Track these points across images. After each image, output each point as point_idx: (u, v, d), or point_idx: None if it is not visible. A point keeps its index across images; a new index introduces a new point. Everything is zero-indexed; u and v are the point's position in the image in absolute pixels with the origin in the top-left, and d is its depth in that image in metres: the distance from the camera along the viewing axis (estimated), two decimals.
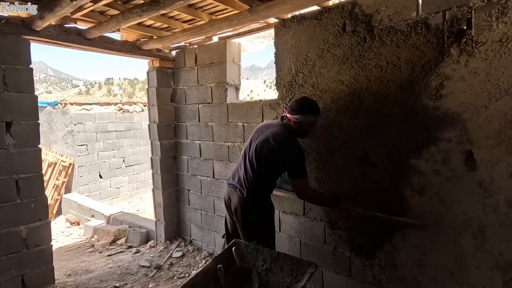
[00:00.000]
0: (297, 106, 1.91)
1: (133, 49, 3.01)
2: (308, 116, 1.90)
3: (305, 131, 1.99)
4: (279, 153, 1.88)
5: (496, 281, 1.58)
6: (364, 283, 2.05)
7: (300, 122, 1.91)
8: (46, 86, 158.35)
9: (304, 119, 1.90)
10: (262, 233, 1.94)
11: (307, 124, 1.93)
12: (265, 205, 2.01)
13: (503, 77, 1.49)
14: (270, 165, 1.93)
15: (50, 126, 6.99)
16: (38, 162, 2.47)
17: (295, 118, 1.90)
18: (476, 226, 1.61)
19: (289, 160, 1.87)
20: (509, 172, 1.50)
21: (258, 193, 1.96)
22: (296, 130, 1.95)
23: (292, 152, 1.86)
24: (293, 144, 1.89)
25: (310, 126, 1.97)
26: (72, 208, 5.86)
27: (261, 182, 1.96)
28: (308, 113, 1.90)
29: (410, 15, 1.75)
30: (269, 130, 1.97)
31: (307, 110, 1.90)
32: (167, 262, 3.05)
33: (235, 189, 2.01)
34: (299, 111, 1.89)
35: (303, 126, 1.94)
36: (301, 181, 1.89)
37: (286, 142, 1.88)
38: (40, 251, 2.46)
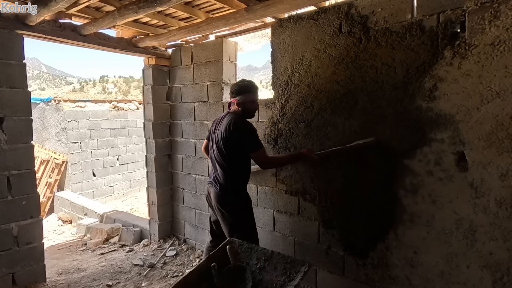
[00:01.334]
0: (237, 87, 2.03)
1: (129, 46, 2.99)
2: (247, 95, 2.00)
3: (250, 110, 2.06)
4: (233, 139, 1.95)
5: (486, 280, 1.61)
6: (357, 282, 2.07)
7: (242, 102, 2.01)
8: (40, 83, 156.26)
9: (245, 99, 2.00)
10: (240, 226, 2.00)
11: (249, 102, 2.02)
12: (240, 198, 2.05)
13: (495, 79, 1.52)
14: (231, 154, 1.99)
15: (43, 123, 6.90)
16: (31, 159, 2.44)
17: (237, 100, 2.01)
18: (467, 226, 1.64)
19: (243, 139, 1.95)
20: (500, 173, 1.53)
21: (231, 186, 2.02)
22: (242, 112, 2.04)
23: (243, 131, 1.95)
24: (242, 125, 1.97)
25: (252, 104, 2.05)
26: (64, 206, 5.80)
27: (230, 174, 2.01)
28: (246, 92, 2.00)
29: (405, 17, 1.77)
30: (220, 123, 2.08)
31: (244, 90, 2.01)
32: (160, 261, 3.03)
33: (212, 185, 2.10)
34: (239, 92, 2.00)
35: (246, 106, 2.02)
36: (259, 153, 1.96)
37: (235, 125, 1.95)
38: (31, 249, 2.43)
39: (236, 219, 2.01)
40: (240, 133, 1.94)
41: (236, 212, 2.02)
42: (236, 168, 2.03)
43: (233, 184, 2.03)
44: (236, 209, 2.03)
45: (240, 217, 2.03)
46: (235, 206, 2.03)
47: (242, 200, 2.07)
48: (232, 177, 2.02)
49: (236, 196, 2.04)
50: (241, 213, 2.04)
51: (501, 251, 1.56)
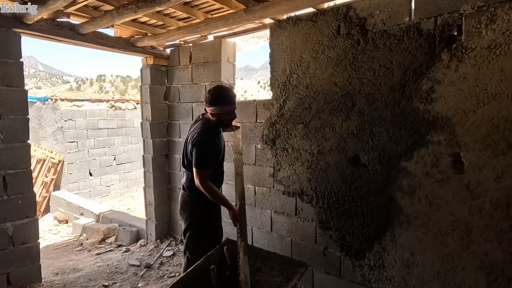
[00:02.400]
0: (211, 97, 1.85)
1: (127, 45, 2.98)
2: (223, 106, 1.85)
3: (225, 121, 1.93)
4: (191, 149, 1.88)
5: (481, 281, 1.62)
6: (353, 283, 2.08)
7: (218, 113, 1.86)
8: (36, 82, 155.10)
9: (219, 110, 1.85)
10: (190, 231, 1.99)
11: (225, 113, 1.88)
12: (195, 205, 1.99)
13: (491, 82, 1.53)
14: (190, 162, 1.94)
15: (40, 122, 6.85)
16: (27, 158, 2.42)
17: (211, 110, 1.86)
18: (463, 227, 1.65)
19: (194, 150, 1.84)
20: (495, 175, 1.55)
21: (189, 191, 1.99)
22: (216, 122, 1.91)
23: (199, 143, 1.82)
24: (201, 138, 1.84)
25: (229, 115, 1.91)
26: (60, 205, 5.76)
27: (189, 179, 1.97)
28: (222, 103, 1.84)
29: (403, 19, 1.78)
30: (190, 130, 2.01)
31: (221, 100, 1.84)
32: (157, 261, 3.02)
33: (182, 187, 2.09)
34: (213, 102, 1.84)
35: (221, 117, 1.89)
36: (199, 171, 1.82)
37: (197, 137, 1.85)
38: (27, 249, 2.41)
39: (189, 224, 2.00)
40: (195, 144, 1.83)
41: (190, 217, 2.00)
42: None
43: (191, 190, 1.98)
44: (191, 214, 2.00)
45: (192, 223, 2.00)
46: (190, 211, 2.00)
47: (197, 207, 1.99)
48: (191, 183, 1.96)
49: (191, 202, 2.00)
50: (194, 219, 1.99)
51: (496, 253, 1.57)
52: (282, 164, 2.40)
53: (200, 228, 1.99)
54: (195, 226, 2.00)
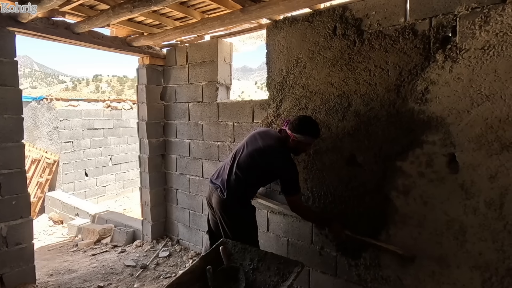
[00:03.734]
0: (299, 125, 1.87)
1: (123, 45, 2.96)
2: (308, 138, 1.88)
3: (300, 151, 1.99)
4: (271, 168, 1.88)
5: (475, 280, 1.64)
6: (349, 282, 2.08)
7: (299, 141, 1.89)
8: (31, 81, 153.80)
9: (303, 139, 1.88)
10: (242, 237, 1.93)
11: (305, 144, 1.93)
12: (245, 209, 2.00)
13: (485, 83, 1.55)
14: (259, 176, 1.94)
15: (35, 121, 6.79)
16: (21, 158, 2.40)
17: (294, 137, 1.88)
18: (457, 227, 1.67)
19: (284, 177, 1.88)
20: (489, 175, 1.56)
21: (239, 198, 1.96)
22: (293, 148, 1.95)
23: (287, 169, 1.86)
24: (288, 161, 1.89)
25: (307, 147, 1.97)
26: (55, 206, 5.71)
27: (244, 188, 1.96)
28: (308, 135, 1.88)
29: (398, 20, 1.80)
30: (265, 141, 1.96)
31: (308, 131, 1.87)
32: (153, 262, 3.01)
33: (217, 188, 2.01)
34: (300, 131, 1.86)
35: (300, 146, 1.93)
36: (295, 198, 1.91)
37: (281, 158, 1.88)
38: (21, 250, 2.39)
39: (239, 228, 1.95)
40: (284, 170, 1.86)
41: (239, 221, 1.97)
42: (254, 186, 2.00)
43: (242, 196, 1.97)
44: (240, 219, 1.97)
45: (242, 227, 1.97)
46: (239, 216, 1.97)
47: (248, 211, 2.01)
48: (245, 190, 1.96)
49: (242, 207, 1.98)
50: (244, 223, 1.99)
51: (490, 252, 1.59)
52: None
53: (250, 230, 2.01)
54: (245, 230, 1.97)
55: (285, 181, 1.89)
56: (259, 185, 2.05)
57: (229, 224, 1.96)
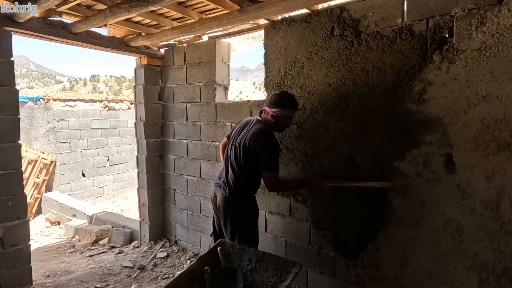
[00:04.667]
0: (276, 99, 1.91)
1: (121, 45, 2.95)
2: (286, 110, 1.90)
3: (282, 125, 1.99)
4: (254, 150, 1.89)
5: (472, 280, 1.64)
6: (347, 283, 2.09)
7: (278, 116, 1.91)
8: (28, 81, 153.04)
9: (281, 113, 1.90)
10: (243, 233, 1.95)
11: (285, 118, 1.94)
12: (248, 205, 2.01)
13: (481, 84, 1.56)
14: (248, 163, 1.94)
15: (31, 122, 6.75)
16: (18, 159, 2.39)
17: (273, 112, 1.90)
18: (454, 227, 1.68)
19: (261, 153, 1.87)
20: (485, 175, 1.57)
21: (241, 193, 1.97)
22: (274, 124, 1.96)
23: (265, 145, 1.87)
24: (267, 138, 1.90)
25: (287, 120, 1.97)
26: (52, 207, 5.67)
27: (243, 181, 1.96)
28: (286, 107, 1.90)
29: (395, 21, 1.80)
30: (247, 128, 2.00)
31: (285, 103, 1.90)
32: (151, 263, 3.00)
33: (220, 187, 2.04)
34: (277, 105, 1.89)
35: (280, 120, 1.94)
36: (272, 174, 1.88)
37: (261, 138, 1.88)
38: (17, 251, 2.37)
39: (239, 226, 1.96)
40: (261, 147, 1.86)
41: (241, 219, 1.97)
42: (250, 178, 1.98)
43: (243, 192, 1.98)
44: (242, 216, 1.97)
45: (243, 224, 1.97)
46: (241, 213, 1.97)
47: (249, 208, 2.01)
48: (244, 185, 1.97)
49: (244, 203, 1.99)
50: (246, 220, 1.99)
51: (487, 252, 1.59)
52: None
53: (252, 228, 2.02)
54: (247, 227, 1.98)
55: (265, 158, 1.87)
56: (256, 176, 2.01)
57: (231, 220, 1.97)
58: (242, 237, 1.92)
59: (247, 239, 1.92)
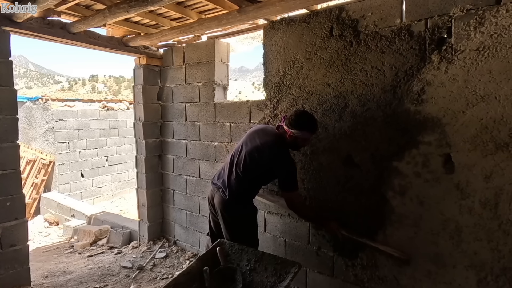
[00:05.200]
0: (296, 120, 1.85)
1: (119, 45, 2.95)
2: (305, 133, 1.87)
3: (298, 146, 1.97)
4: (270, 165, 1.88)
5: (471, 279, 1.65)
6: (346, 282, 2.09)
7: (296, 137, 1.87)
8: (27, 81, 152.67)
9: (300, 135, 1.86)
10: (242, 236, 1.93)
11: (302, 139, 1.91)
12: (246, 209, 2.00)
13: (479, 84, 1.56)
14: (258, 174, 1.93)
15: (30, 122, 6.73)
16: (16, 159, 2.38)
17: (292, 132, 1.86)
18: (453, 226, 1.68)
19: (281, 173, 1.87)
20: (484, 175, 1.58)
21: (240, 198, 1.96)
22: (290, 143, 1.94)
23: (285, 165, 1.85)
24: (285, 157, 1.88)
25: (304, 142, 1.95)
26: (51, 207, 5.66)
27: (245, 188, 1.96)
28: (306, 130, 1.86)
29: (394, 21, 1.81)
30: (262, 139, 1.95)
31: (305, 126, 1.86)
32: (150, 263, 2.99)
33: (218, 189, 2.01)
34: (297, 126, 1.84)
35: (298, 141, 1.92)
36: (293, 194, 1.91)
37: (278, 155, 1.87)
38: (16, 252, 2.37)
39: (239, 229, 1.95)
40: (282, 167, 1.84)
41: (241, 223, 1.97)
42: (254, 185, 1.98)
43: (244, 196, 1.97)
44: (241, 218, 1.97)
45: (243, 227, 1.97)
46: (241, 216, 1.97)
47: (249, 211, 2.01)
48: (246, 190, 1.96)
49: (243, 207, 1.98)
50: (246, 224, 1.99)
51: (485, 251, 1.60)
52: None
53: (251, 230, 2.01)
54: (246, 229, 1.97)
55: (282, 177, 1.89)
56: (259, 184, 2.04)
57: (230, 223, 1.96)
58: (242, 240, 1.90)
59: (247, 242, 1.91)
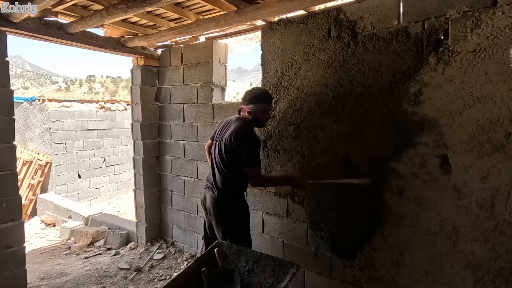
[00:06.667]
0: (249, 96, 1.96)
1: (117, 45, 2.94)
2: (260, 105, 1.95)
3: (260, 120, 2.02)
4: (236, 147, 1.90)
5: (468, 280, 1.66)
6: (344, 283, 2.09)
7: (254, 111, 1.95)
8: (23, 82, 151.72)
9: (257, 108, 1.94)
10: (234, 233, 1.95)
11: (261, 112, 1.97)
12: (237, 205, 2.02)
13: (476, 85, 1.57)
14: (232, 161, 1.95)
15: (26, 123, 6.69)
16: (12, 160, 2.36)
17: (249, 108, 1.95)
18: (450, 227, 1.69)
19: (242, 149, 1.89)
20: (480, 175, 1.59)
21: (229, 192, 1.98)
22: (252, 120, 1.99)
23: (244, 141, 1.89)
24: (246, 135, 1.92)
25: (264, 114, 2.00)
26: (48, 208, 5.62)
27: (230, 180, 1.97)
28: (259, 102, 1.94)
29: (391, 23, 1.82)
30: (227, 127, 2.03)
31: (258, 99, 1.95)
32: (147, 264, 2.98)
33: (209, 188, 2.06)
34: (251, 101, 1.95)
35: (257, 115, 1.98)
36: (254, 169, 1.91)
37: (240, 134, 1.91)
38: (12, 253, 2.34)
39: (230, 225, 1.96)
40: (242, 143, 1.88)
41: (231, 218, 1.97)
42: (236, 175, 1.98)
43: (232, 191, 1.99)
44: (232, 215, 1.98)
45: (234, 223, 1.98)
46: (231, 212, 1.98)
47: (239, 207, 2.02)
48: (231, 184, 1.98)
49: (233, 202, 2.00)
50: (236, 219, 1.99)
51: (482, 251, 1.61)
52: (273, 165, 2.41)
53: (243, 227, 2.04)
54: (238, 226, 1.99)
55: (246, 153, 1.89)
56: (243, 175, 2.00)
57: (221, 221, 1.98)
58: (233, 237, 1.93)
59: (238, 239, 1.92)
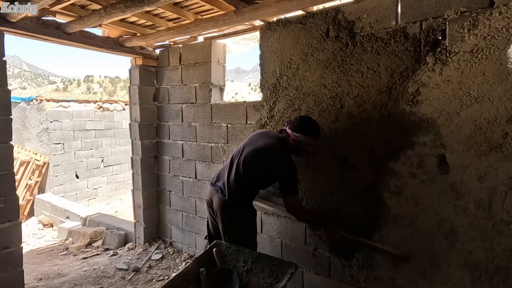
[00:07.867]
0: (300, 124, 1.88)
1: (115, 45, 2.93)
2: (308, 137, 1.88)
3: (302, 150, 1.97)
4: (271, 167, 1.87)
5: (465, 279, 1.66)
6: (343, 283, 2.10)
7: (299, 141, 1.89)
8: (21, 82, 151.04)
9: (303, 139, 1.88)
10: (241, 238, 1.92)
11: (305, 144, 1.92)
12: (245, 211, 2.00)
13: (473, 85, 1.58)
14: (258, 176, 1.93)
15: (24, 123, 6.66)
16: (9, 160, 2.35)
17: (295, 136, 1.88)
18: (448, 226, 1.69)
19: (283, 177, 1.87)
20: (478, 175, 1.59)
21: (239, 199, 1.95)
22: (293, 147, 1.94)
23: (286, 169, 1.86)
24: (287, 161, 1.88)
25: (307, 146, 1.95)
26: (45, 209, 5.60)
27: (245, 190, 1.95)
28: (309, 134, 1.87)
29: (389, 23, 1.82)
30: (264, 141, 1.96)
31: (309, 131, 1.87)
32: (145, 265, 2.97)
33: (217, 191, 2.00)
34: (300, 130, 1.86)
35: (300, 146, 1.92)
36: (293, 198, 1.90)
37: (281, 158, 1.87)
38: (9, 254, 2.33)
39: (238, 230, 1.95)
40: (283, 170, 1.85)
41: (239, 223, 1.96)
42: (254, 187, 1.98)
43: (244, 197, 1.97)
44: (240, 220, 1.96)
45: (242, 228, 1.97)
46: (240, 217, 1.96)
47: (248, 212, 2.01)
48: (245, 193, 1.96)
49: (242, 208, 1.98)
50: (244, 225, 1.98)
51: (480, 251, 1.61)
52: None
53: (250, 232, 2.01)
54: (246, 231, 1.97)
55: (283, 181, 1.89)
56: (259, 186, 2.03)
57: (229, 225, 1.95)
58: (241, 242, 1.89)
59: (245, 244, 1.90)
